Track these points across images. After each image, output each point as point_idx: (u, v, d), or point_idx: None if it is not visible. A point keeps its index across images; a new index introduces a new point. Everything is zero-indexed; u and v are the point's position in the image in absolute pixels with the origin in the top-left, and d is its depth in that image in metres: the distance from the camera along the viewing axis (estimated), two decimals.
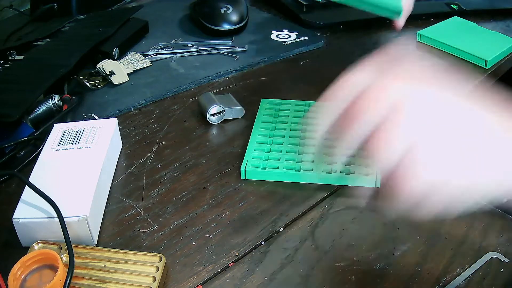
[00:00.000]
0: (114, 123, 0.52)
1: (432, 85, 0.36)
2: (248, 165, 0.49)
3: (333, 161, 0.45)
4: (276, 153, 0.51)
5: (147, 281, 0.38)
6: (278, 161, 0.50)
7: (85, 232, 0.41)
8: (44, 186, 0.42)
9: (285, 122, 0.55)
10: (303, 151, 0.51)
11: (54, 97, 0.57)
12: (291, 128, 0.54)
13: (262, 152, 0.51)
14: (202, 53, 0.72)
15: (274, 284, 0.39)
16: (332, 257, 0.41)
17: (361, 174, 0.48)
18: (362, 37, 0.77)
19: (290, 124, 0.55)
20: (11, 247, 0.42)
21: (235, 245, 0.43)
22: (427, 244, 0.42)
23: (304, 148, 0.51)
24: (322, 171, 0.48)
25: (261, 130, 0.54)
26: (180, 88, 0.64)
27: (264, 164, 0.49)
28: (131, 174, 0.51)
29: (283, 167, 0.49)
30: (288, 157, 0.50)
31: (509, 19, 0.81)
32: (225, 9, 0.76)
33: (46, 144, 0.49)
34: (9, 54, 0.68)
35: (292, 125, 0.55)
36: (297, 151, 0.51)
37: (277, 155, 0.51)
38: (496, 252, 0.41)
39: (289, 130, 0.54)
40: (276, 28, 0.78)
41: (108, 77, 0.64)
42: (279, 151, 0.51)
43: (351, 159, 0.45)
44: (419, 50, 0.73)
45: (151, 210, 0.46)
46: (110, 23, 0.73)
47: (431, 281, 0.39)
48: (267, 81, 0.66)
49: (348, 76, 0.38)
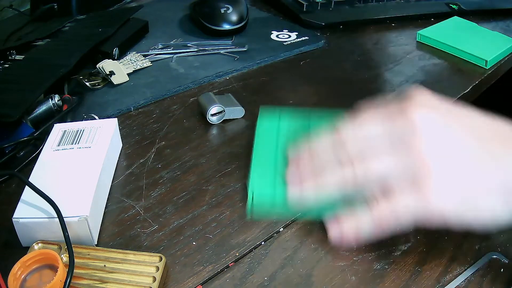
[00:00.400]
0: (114, 123, 0.52)
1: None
2: (254, 204, 0.43)
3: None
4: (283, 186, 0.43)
5: (147, 281, 0.38)
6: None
7: (85, 232, 0.41)
8: (44, 186, 0.42)
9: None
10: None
11: (54, 97, 0.57)
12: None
13: (268, 186, 0.43)
14: (202, 53, 0.72)
15: (274, 284, 0.39)
16: (332, 257, 0.41)
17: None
18: (362, 37, 0.77)
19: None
20: (11, 247, 0.42)
21: (235, 245, 0.43)
22: (427, 244, 0.42)
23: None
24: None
25: (262, 152, 0.47)
26: (180, 88, 0.64)
27: (273, 200, 0.43)
28: (131, 174, 0.51)
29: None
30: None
31: (509, 19, 0.81)
32: (225, 9, 0.76)
33: (46, 144, 0.49)
34: (9, 54, 0.68)
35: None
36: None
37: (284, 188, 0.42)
38: (496, 252, 0.41)
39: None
40: (276, 28, 0.78)
41: (108, 77, 0.64)
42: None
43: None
44: (419, 50, 0.73)
45: (151, 210, 0.46)
46: (110, 23, 0.73)
47: (431, 281, 0.39)
48: (267, 81, 0.66)
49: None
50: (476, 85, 0.64)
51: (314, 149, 0.40)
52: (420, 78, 0.66)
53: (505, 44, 0.71)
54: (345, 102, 0.61)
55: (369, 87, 0.64)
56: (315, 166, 0.39)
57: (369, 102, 0.40)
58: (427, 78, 0.66)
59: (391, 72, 0.68)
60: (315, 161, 0.39)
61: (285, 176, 0.42)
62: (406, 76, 0.67)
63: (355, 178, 0.37)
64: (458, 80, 0.65)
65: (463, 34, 0.74)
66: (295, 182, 0.40)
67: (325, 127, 0.41)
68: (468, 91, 0.63)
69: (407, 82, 0.65)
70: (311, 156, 0.40)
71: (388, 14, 0.81)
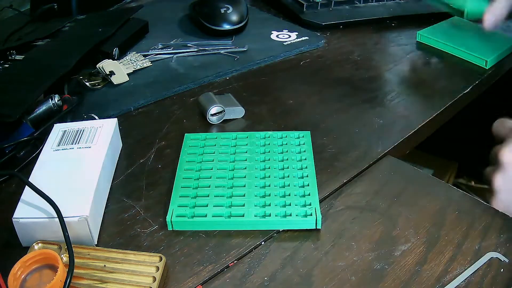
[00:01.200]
0: (114, 123, 0.52)
1: None
2: (174, 215, 0.44)
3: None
4: (203, 198, 0.45)
5: (147, 281, 0.38)
6: (206, 207, 0.44)
7: (85, 232, 0.41)
8: (44, 186, 0.42)
9: (211, 160, 0.50)
10: (232, 193, 0.46)
11: (54, 97, 0.57)
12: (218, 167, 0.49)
13: (189, 198, 0.45)
14: (202, 53, 0.72)
15: (274, 284, 0.39)
16: (332, 257, 0.41)
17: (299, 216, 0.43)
18: (362, 37, 0.77)
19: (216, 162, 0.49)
20: (11, 247, 0.42)
21: (235, 245, 0.43)
22: (427, 244, 0.42)
23: (233, 189, 0.46)
24: (255, 216, 0.43)
25: (185, 171, 0.48)
26: (180, 88, 0.64)
27: (191, 212, 0.44)
28: (131, 174, 0.51)
29: (211, 214, 0.43)
30: (217, 201, 0.45)
31: (509, 19, 0.81)
32: (225, 9, 0.76)
33: (46, 144, 0.49)
34: (9, 54, 0.68)
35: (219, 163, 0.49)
36: (226, 194, 0.45)
37: (204, 200, 0.45)
38: (496, 252, 0.41)
39: (216, 170, 0.48)
40: (276, 28, 0.78)
41: (108, 77, 0.64)
42: (206, 196, 0.45)
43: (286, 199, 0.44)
44: (419, 50, 0.73)
45: (151, 210, 0.46)
46: (110, 23, 0.73)
47: (431, 281, 0.39)
48: (267, 81, 0.66)
49: None
50: (476, 85, 0.64)
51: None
52: (420, 78, 0.66)
53: (505, 44, 0.71)
54: (345, 102, 0.61)
55: (369, 87, 0.64)
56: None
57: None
58: (427, 78, 0.66)
59: (391, 72, 0.68)
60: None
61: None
62: (406, 76, 0.67)
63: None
64: (458, 80, 0.65)
65: (463, 34, 0.74)
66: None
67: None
68: (468, 91, 0.63)
69: (407, 82, 0.65)
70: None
71: (388, 14, 0.81)
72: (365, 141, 0.54)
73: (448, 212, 0.45)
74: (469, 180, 1.05)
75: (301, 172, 0.48)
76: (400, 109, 0.59)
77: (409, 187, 0.48)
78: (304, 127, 0.56)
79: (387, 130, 0.56)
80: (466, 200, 0.47)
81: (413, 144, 0.57)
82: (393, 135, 0.55)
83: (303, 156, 0.50)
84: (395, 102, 0.61)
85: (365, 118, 0.58)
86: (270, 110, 0.60)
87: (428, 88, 0.64)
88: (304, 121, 0.58)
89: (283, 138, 0.52)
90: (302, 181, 0.47)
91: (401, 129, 0.56)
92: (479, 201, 0.46)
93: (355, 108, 0.60)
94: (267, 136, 0.53)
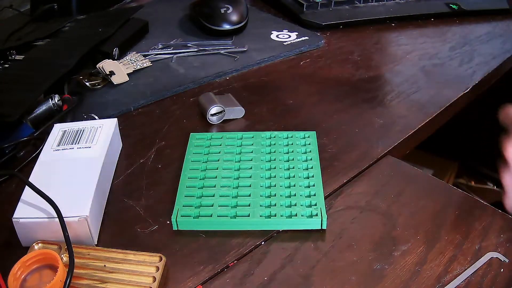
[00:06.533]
0: (114, 123, 0.52)
1: None
2: (179, 215, 0.44)
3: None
4: (208, 198, 0.45)
5: (147, 281, 0.38)
6: (211, 207, 0.44)
7: (85, 232, 0.41)
8: (44, 186, 0.42)
9: (217, 159, 0.50)
10: (238, 193, 0.46)
11: (54, 97, 0.57)
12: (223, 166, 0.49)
13: (194, 198, 0.45)
14: (202, 53, 0.72)
15: (274, 284, 0.39)
16: (332, 257, 0.41)
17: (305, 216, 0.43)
18: (362, 37, 0.77)
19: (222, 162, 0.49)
20: (11, 247, 0.42)
21: (235, 245, 0.43)
22: (427, 244, 0.42)
23: (238, 189, 0.46)
24: (261, 217, 0.43)
25: (191, 171, 0.48)
26: (180, 88, 0.64)
27: (197, 212, 0.44)
28: (131, 174, 0.51)
29: (216, 214, 0.44)
30: (222, 201, 0.45)
31: (509, 19, 0.81)
32: (225, 9, 0.76)
33: (46, 144, 0.49)
34: (9, 54, 0.68)
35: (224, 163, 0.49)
36: (231, 194, 0.46)
37: (209, 200, 0.45)
38: (496, 252, 0.41)
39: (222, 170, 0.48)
40: (276, 28, 0.78)
41: (108, 77, 0.64)
42: (212, 195, 0.45)
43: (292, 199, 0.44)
44: (419, 50, 0.73)
45: (151, 210, 0.46)
46: (110, 23, 0.73)
47: (431, 281, 0.39)
48: (267, 81, 0.66)
49: None
50: (476, 85, 0.64)
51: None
52: (420, 78, 0.66)
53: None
54: (345, 102, 0.61)
55: (369, 87, 0.64)
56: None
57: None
58: (427, 78, 0.66)
59: (391, 72, 0.68)
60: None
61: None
62: (406, 76, 0.67)
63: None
64: (458, 80, 0.65)
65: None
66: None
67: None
68: (468, 91, 0.63)
69: (407, 82, 0.65)
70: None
71: (388, 14, 0.81)
72: (365, 141, 0.54)
73: (448, 212, 0.45)
74: (469, 180, 1.05)
75: (307, 173, 0.48)
76: (400, 109, 0.59)
77: (409, 187, 0.48)
78: (304, 127, 0.56)
79: (387, 130, 0.56)
80: (466, 200, 0.47)
81: (413, 144, 0.57)
82: (393, 135, 0.55)
83: (308, 156, 0.50)
84: (395, 102, 0.61)
85: (365, 118, 0.58)
86: (270, 110, 0.60)
87: (428, 88, 0.64)
88: (304, 121, 0.58)
89: (289, 138, 0.52)
90: (308, 181, 0.47)
91: (401, 129, 0.56)
92: (479, 201, 0.46)
93: (355, 108, 0.60)
94: (272, 136, 0.53)
